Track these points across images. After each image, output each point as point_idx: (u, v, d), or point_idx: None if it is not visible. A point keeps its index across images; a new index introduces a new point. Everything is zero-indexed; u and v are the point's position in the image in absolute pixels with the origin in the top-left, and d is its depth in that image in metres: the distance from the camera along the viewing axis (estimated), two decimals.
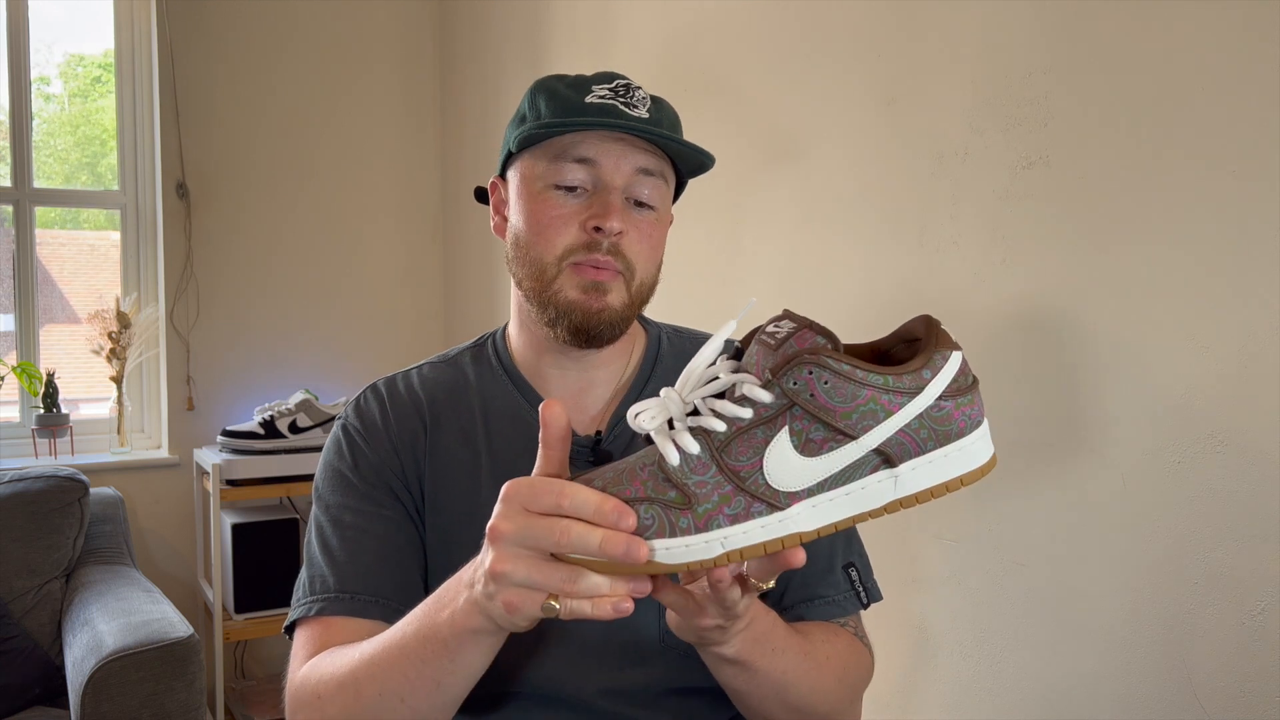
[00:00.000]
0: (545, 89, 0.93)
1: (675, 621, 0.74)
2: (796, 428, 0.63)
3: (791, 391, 0.63)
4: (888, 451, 0.63)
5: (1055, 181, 1.29)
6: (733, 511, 0.63)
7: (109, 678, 1.85)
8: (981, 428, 0.65)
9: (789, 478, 0.63)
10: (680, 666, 0.91)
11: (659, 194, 0.92)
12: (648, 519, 0.63)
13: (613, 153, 0.89)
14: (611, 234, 0.88)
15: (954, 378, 0.63)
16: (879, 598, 0.96)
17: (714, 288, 1.92)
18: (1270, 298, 1.07)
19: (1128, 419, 1.22)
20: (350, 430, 0.99)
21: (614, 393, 0.98)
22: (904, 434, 0.63)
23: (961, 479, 0.64)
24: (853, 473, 0.63)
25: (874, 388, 0.62)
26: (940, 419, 0.63)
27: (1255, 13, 1.07)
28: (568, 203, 0.90)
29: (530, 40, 2.56)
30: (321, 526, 0.96)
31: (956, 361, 0.64)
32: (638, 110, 0.90)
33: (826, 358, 0.62)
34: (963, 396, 0.64)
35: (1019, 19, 1.33)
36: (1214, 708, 1.14)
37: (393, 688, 0.77)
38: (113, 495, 2.52)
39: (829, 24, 1.64)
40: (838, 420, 0.62)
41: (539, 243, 0.90)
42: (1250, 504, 1.10)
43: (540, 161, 0.91)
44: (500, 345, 1.02)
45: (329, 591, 0.90)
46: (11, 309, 2.75)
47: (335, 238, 2.96)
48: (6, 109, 2.72)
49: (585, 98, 0.90)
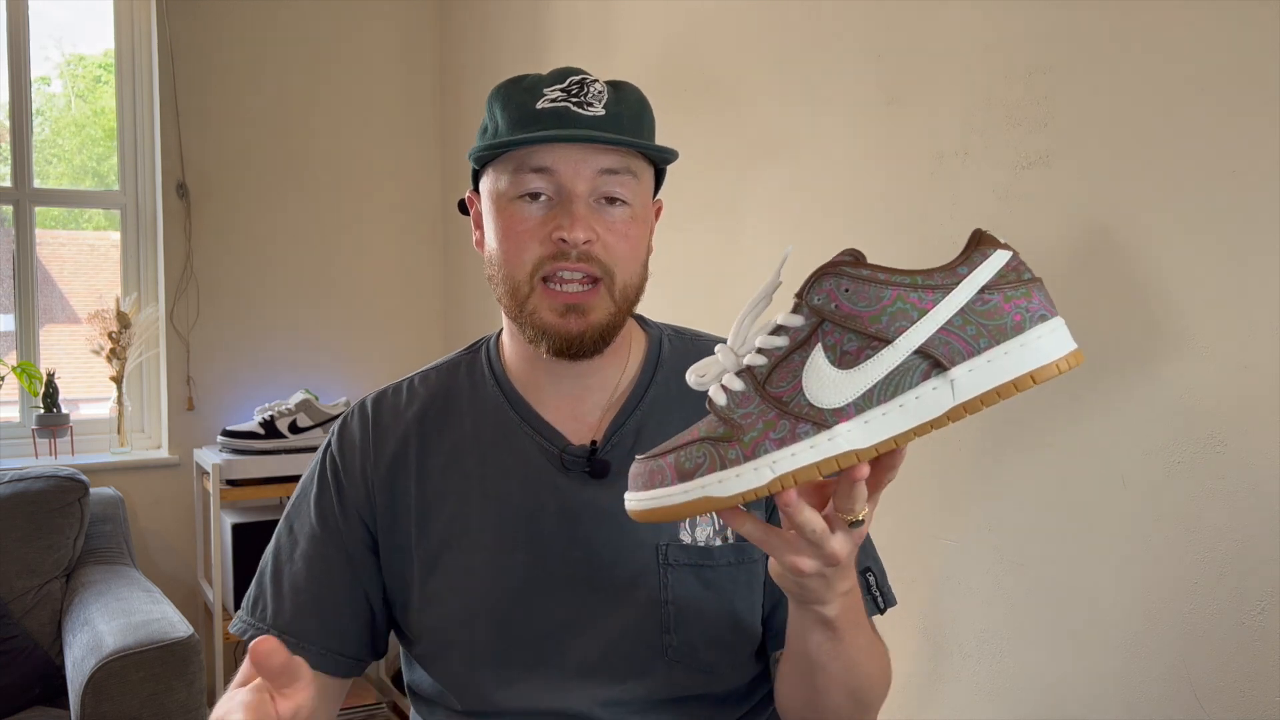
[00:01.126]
0: (500, 96, 0.90)
1: (776, 570, 0.71)
2: (829, 342, 0.62)
3: (817, 308, 0.62)
4: (933, 354, 0.59)
5: (1055, 181, 1.29)
6: (779, 435, 0.62)
7: (109, 678, 1.85)
8: (1049, 323, 0.60)
9: (830, 394, 0.61)
10: (683, 677, 0.90)
11: (630, 189, 0.88)
12: (699, 457, 0.63)
13: (570, 159, 0.86)
14: (577, 244, 0.85)
15: (999, 272, 0.60)
16: (894, 603, 0.96)
17: (713, 288, 1.92)
18: (1270, 298, 1.07)
19: (1128, 419, 1.22)
20: (328, 458, 0.99)
21: (611, 401, 0.96)
22: (947, 332, 0.59)
23: (1033, 376, 0.59)
24: (900, 381, 0.60)
25: (900, 286, 0.60)
26: (988, 313, 0.59)
27: (1255, 13, 1.07)
28: (533, 213, 0.87)
29: (530, 40, 2.56)
30: (280, 547, 0.97)
31: (1002, 258, 0.60)
32: (593, 108, 0.87)
33: (845, 266, 0.62)
34: (1014, 289, 0.60)
35: (1019, 19, 1.33)
36: (1214, 708, 1.14)
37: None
38: (113, 495, 2.52)
39: (829, 24, 1.64)
40: (867, 326, 0.60)
41: (510, 259, 0.88)
42: (1250, 504, 1.10)
43: (502, 175, 0.89)
44: (494, 354, 1.00)
45: (264, 622, 0.94)
46: (11, 309, 2.75)
47: (335, 237, 2.96)
48: (7, 109, 2.72)
49: (537, 103, 0.87)
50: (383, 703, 2.74)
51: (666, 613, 0.89)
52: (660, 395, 0.95)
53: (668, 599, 0.89)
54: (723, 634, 0.90)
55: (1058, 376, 0.60)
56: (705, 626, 0.90)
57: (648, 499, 0.66)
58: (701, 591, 0.90)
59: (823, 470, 0.61)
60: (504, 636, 0.90)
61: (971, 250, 0.61)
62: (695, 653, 0.90)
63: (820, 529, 0.65)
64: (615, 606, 0.89)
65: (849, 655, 0.80)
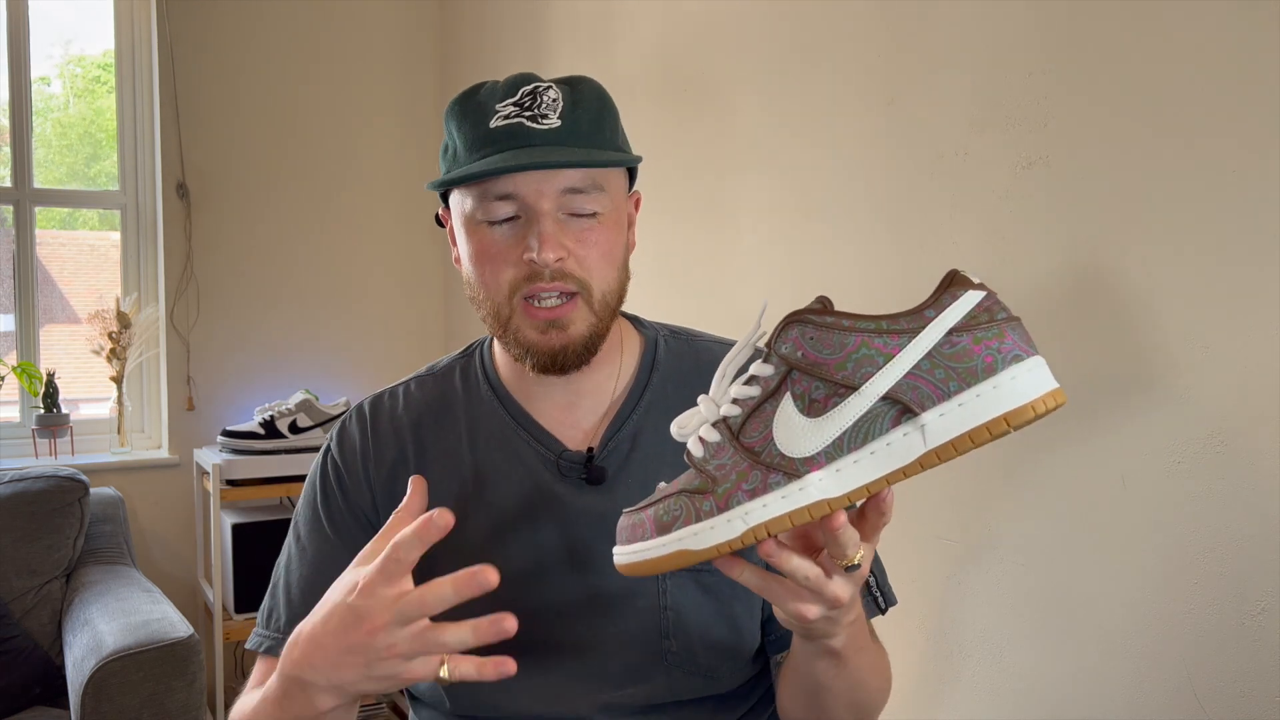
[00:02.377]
0: (454, 115, 0.89)
1: (781, 615, 0.71)
2: (798, 390, 0.61)
3: (785, 356, 0.62)
4: (902, 399, 0.59)
5: (1055, 181, 1.29)
6: (750, 486, 0.61)
7: (109, 678, 1.84)
8: (1024, 362, 0.58)
9: (800, 442, 0.61)
10: (682, 681, 0.90)
11: (598, 200, 0.87)
12: (677, 509, 0.63)
13: (531, 181, 0.84)
14: (548, 264, 0.84)
15: (969, 313, 0.59)
16: (895, 602, 0.96)
17: (713, 288, 1.92)
18: (1270, 298, 1.07)
19: (1128, 419, 1.22)
20: (329, 462, 0.99)
21: (607, 406, 0.95)
22: (915, 377, 0.58)
23: (1007, 419, 0.57)
24: (870, 428, 0.59)
25: (864, 332, 0.60)
26: (956, 355, 0.58)
27: (1255, 13, 1.07)
28: (504, 236, 0.86)
29: (530, 40, 2.56)
30: (290, 558, 0.97)
31: (972, 299, 0.59)
32: (548, 119, 0.85)
33: (809, 314, 0.62)
34: (984, 330, 0.59)
35: (1019, 19, 1.33)
36: (1214, 708, 1.14)
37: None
38: (113, 495, 2.52)
39: (829, 23, 1.64)
40: (833, 373, 0.60)
41: (486, 282, 0.88)
42: (1250, 504, 1.10)
43: (468, 198, 0.88)
44: (487, 359, 0.99)
45: (279, 631, 0.93)
46: (11, 309, 2.75)
47: (336, 237, 2.96)
48: (7, 109, 2.72)
49: (491, 121, 0.85)
50: (382, 703, 2.74)
51: (665, 618, 0.89)
52: (657, 399, 0.95)
53: (666, 605, 0.89)
54: (722, 639, 0.90)
55: (1036, 419, 0.58)
56: (704, 632, 0.90)
57: (629, 553, 0.67)
58: (700, 597, 0.90)
59: (794, 520, 0.60)
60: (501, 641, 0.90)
61: (941, 292, 0.60)
62: (694, 657, 0.90)
63: (814, 575, 0.64)
64: (614, 612, 0.89)
65: (854, 676, 0.81)
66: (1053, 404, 0.58)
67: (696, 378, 0.94)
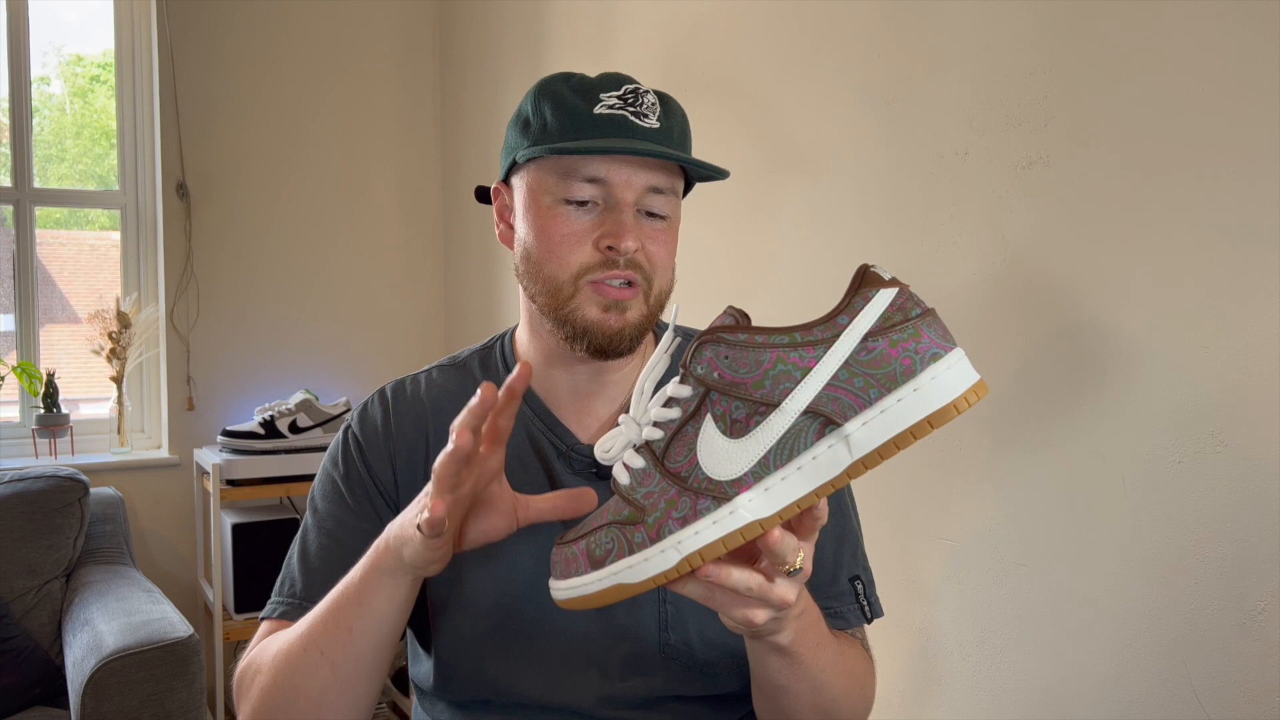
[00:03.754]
0: (550, 95, 0.89)
1: (728, 623, 0.71)
2: (719, 411, 0.60)
3: (701, 377, 0.61)
4: (823, 411, 0.58)
5: (1055, 181, 1.29)
6: (680, 514, 0.60)
7: (109, 678, 1.85)
8: (942, 360, 0.57)
9: (725, 465, 0.60)
10: (681, 676, 0.91)
11: (671, 205, 0.90)
12: (608, 543, 0.62)
13: (624, 171, 0.86)
14: (628, 254, 0.86)
15: (883, 315, 0.58)
16: (881, 614, 0.96)
17: (713, 288, 1.92)
18: (1270, 298, 1.07)
19: (1128, 419, 1.22)
20: (350, 438, 0.99)
21: (624, 402, 0.97)
22: (835, 388, 0.58)
23: (930, 421, 0.56)
24: (794, 443, 0.58)
25: (777, 347, 0.59)
26: (873, 361, 0.57)
27: (1255, 13, 1.07)
28: (580, 219, 0.87)
29: (530, 40, 2.56)
30: (307, 530, 0.97)
31: (884, 299, 0.58)
32: (648, 120, 0.87)
33: (721, 333, 0.61)
34: (899, 332, 0.57)
35: (1019, 19, 1.33)
36: (1214, 708, 1.14)
37: (314, 640, 0.82)
38: (113, 495, 2.52)
39: (829, 24, 1.64)
40: (752, 392, 0.59)
41: (552, 260, 0.88)
42: (1250, 504, 1.10)
43: (549, 176, 0.88)
44: (509, 350, 1.01)
45: (294, 597, 0.93)
46: (11, 309, 2.75)
47: (335, 237, 2.96)
48: (7, 109, 2.72)
49: (594, 108, 0.87)
50: (383, 703, 2.74)
51: (665, 612, 0.90)
52: None
53: (666, 598, 0.90)
54: (719, 634, 0.91)
55: (959, 416, 0.57)
56: (702, 626, 0.90)
57: (566, 589, 0.66)
58: None
59: (728, 544, 0.60)
60: (505, 626, 0.91)
61: (853, 295, 0.59)
62: (692, 652, 0.90)
63: (756, 584, 0.64)
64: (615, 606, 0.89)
65: (813, 676, 0.80)
66: (974, 399, 0.57)
67: None
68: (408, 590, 0.79)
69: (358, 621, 0.80)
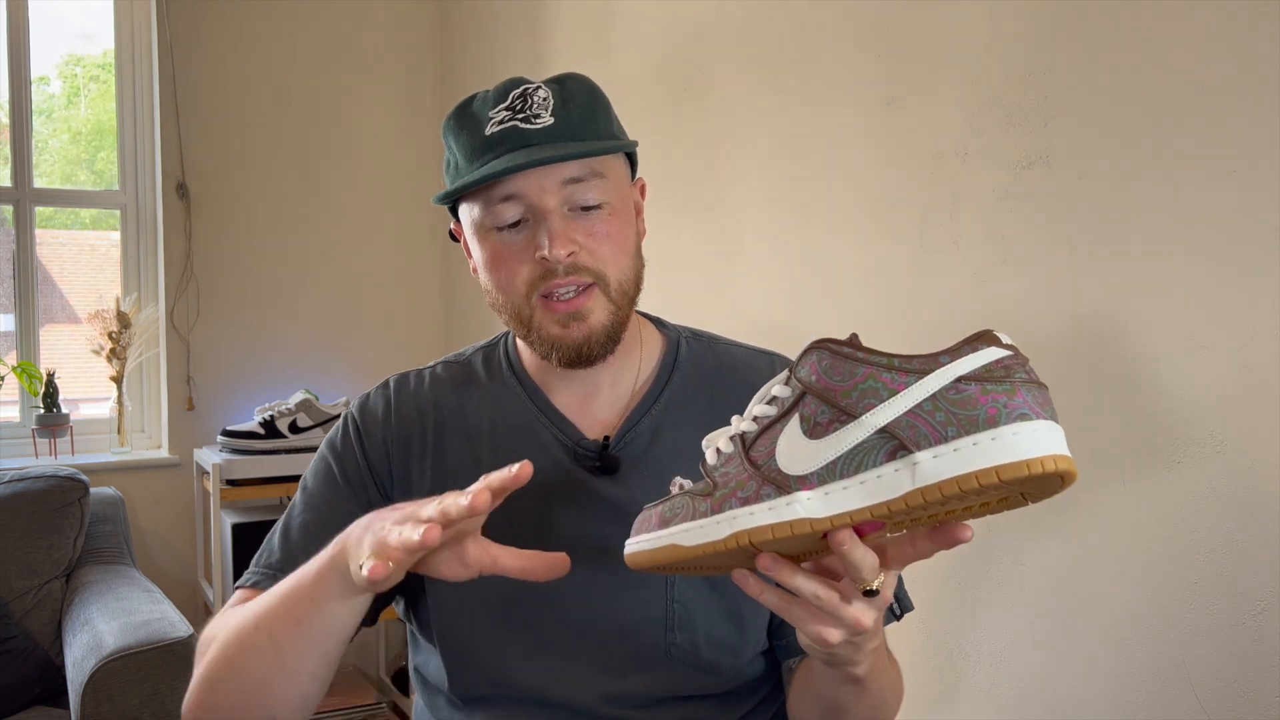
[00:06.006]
0: (451, 130, 0.91)
1: (804, 641, 0.71)
2: (805, 413, 0.63)
3: (802, 380, 0.64)
4: (899, 435, 0.59)
5: (1055, 181, 1.29)
6: (744, 495, 0.64)
7: (109, 677, 1.85)
8: (1031, 422, 0.57)
9: (796, 461, 0.62)
10: (685, 675, 0.91)
11: (602, 189, 0.89)
12: (679, 508, 0.67)
13: (532, 180, 0.86)
14: (559, 260, 0.86)
15: (984, 366, 0.58)
16: (911, 608, 0.96)
17: (713, 288, 1.92)
18: (1270, 298, 1.07)
19: (1128, 419, 1.22)
20: (350, 423, 1.00)
21: (627, 399, 0.97)
22: (915, 416, 0.59)
23: (998, 471, 0.55)
24: (864, 458, 0.60)
25: (874, 365, 0.61)
26: (960, 402, 0.58)
27: (1255, 13, 1.07)
28: (514, 239, 0.88)
29: (530, 40, 2.56)
30: (293, 507, 0.98)
31: (993, 354, 0.59)
32: (540, 119, 0.87)
33: (829, 342, 0.64)
34: (996, 385, 0.58)
35: (1019, 19, 1.33)
36: (1214, 708, 1.14)
37: (264, 623, 0.82)
38: (113, 495, 2.52)
39: (828, 24, 1.64)
40: (839, 399, 0.61)
41: (504, 287, 0.90)
42: (1250, 504, 1.10)
43: (475, 208, 0.90)
44: (511, 349, 1.02)
45: (269, 568, 0.94)
46: (11, 309, 2.75)
47: (335, 237, 2.96)
48: (7, 109, 2.72)
49: (486, 129, 0.88)
50: (383, 703, 2.74)
51: (672, 611, 0.90)
52: (677, 395, 0.96)
53: (674, 597, 0.90)
54: (725, 635, 0.91)
55: (1030, 478, 0.56)
56: (709, 627, 0.90)
57: (631, 544, 0.71)
58: (708, 593, 0.91)
59: (775, 533, 0.62)
60: (508, 619, 0.91)
61: (964, 343, 0.60)
62: (697, 652, 0.90)
63: (826, 596, 0.65)
64: (620, 601, 0.90)
65: (875, 697, 0.82)
66: (1053, 468, 0.56)
67: (718, 379, 0.97)
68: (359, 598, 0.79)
69: (305, 615, 0.80)
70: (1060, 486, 0.59)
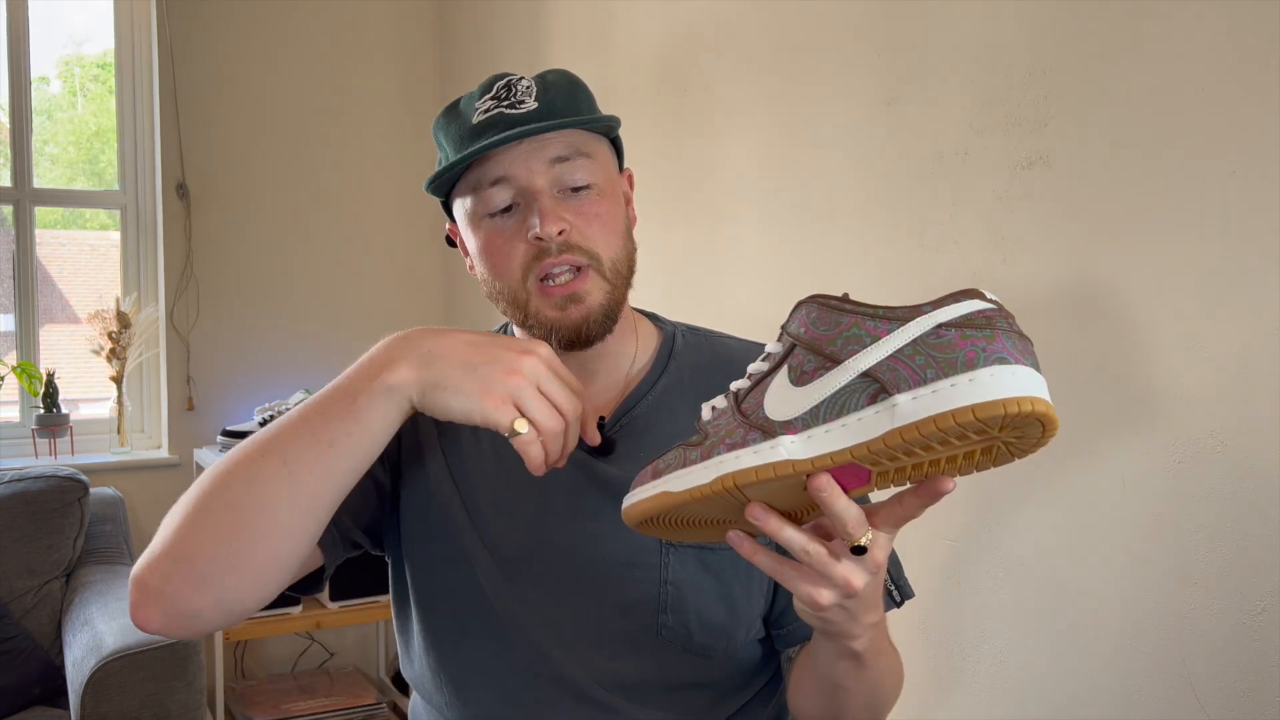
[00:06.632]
0: (440, 128, 0.94)
1: (799, 606, 0.72)
2: (794, 363, 0.66)
3: (790, 333, 0.67)
4: (880, 378, 0.60)
5: (1055, 181, 1.29)
6: (732, 441, 0.66)
7: (109, 678, 1.85)
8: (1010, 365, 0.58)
9: (783, 408, 0.64)
10: (676, 662, 0.91)
11: (589, 169, 0.90)
12: (672, 459, 0.69)
13: (519, 159, 0.88)
14: (551, 238, 0.87)
15: (965, 314, 0.60)
16: (911, 595, 0.96)
17: (714, 288, 1.92)
18: (1270, 298, 1.07)
19: (1128, 419, 1.22)
20: None
21: (622, 384, 0.97)
22: (896, 360, 0.60)
23: (974, 409, 0.56)
24: (846, 401, 0.62)
25: (858, 314, 0.63)
26: (941, 346, 0.59)
27: (1255, 13, 1.07)
28: (506, 224, 0.90)
29: (530, 40, 2.56)
30: None
31: (973, 305, 0.60)
32: (525, 104, 0.89)
33: (819, 298, 0.66)
34: (977, 330, 0.59)
35: (1019, 19, 1.33)
36: (1214, 708, 1.14)
37: (278, 447, 0.78)
38: (113, 495, 2.52)
39: (829, 24, 1.64)
40: (824, 347, 0.64)
41: (499, 273, 0.91)
42: (1250, 504, 1.10)
43: (467, 199, 0.92)
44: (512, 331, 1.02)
45: None
46: (11, 309, 2.75)
47: (335, 237, 2.96)
48: (7, 109, 2.72)
49: (473, 119, 0.90)
50: (382, 703, 2.74)
51: (665, 592, 0.90)
52: (673, 384, 0.97)
53: (667, 579, 0.91)
54: (717, 618, 0.91)
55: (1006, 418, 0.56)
56: (701, 610, 0.91)
57: (627, 499, 0.72)
58: (701, 575, 0.91)
59: (759, 475, 0.63)
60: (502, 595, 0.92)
61: (948, 296, 0.62)
62: (689, 634, 0.91)
63: (815, 551, 0.66)
64: (613, 581, 0.91)
65: (872, 678, 0.82)
66: (1030, 409, 0.56)
67: (714, 368, 0.97)
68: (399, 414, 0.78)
69: (344, 439, 0.76)
70: (1041, 434, 0.60)
